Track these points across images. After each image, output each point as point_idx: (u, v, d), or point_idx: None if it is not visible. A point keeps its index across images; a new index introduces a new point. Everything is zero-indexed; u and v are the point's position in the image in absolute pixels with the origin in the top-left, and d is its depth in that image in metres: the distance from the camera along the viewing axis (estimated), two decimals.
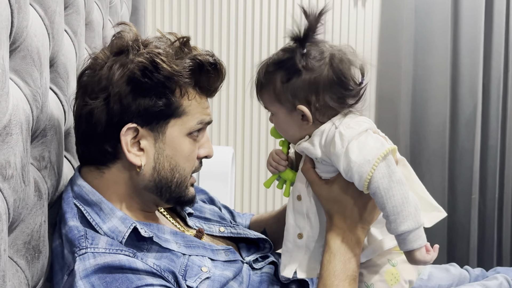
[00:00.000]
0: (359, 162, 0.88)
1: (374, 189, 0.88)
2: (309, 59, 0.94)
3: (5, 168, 0.74)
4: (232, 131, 2.55)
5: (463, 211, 2.66)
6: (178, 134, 0.98)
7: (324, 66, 0.94)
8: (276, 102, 0.98)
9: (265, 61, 1.00)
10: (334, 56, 0.95)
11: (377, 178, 0.88)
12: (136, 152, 0.96)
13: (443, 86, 2.59)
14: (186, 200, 1.03)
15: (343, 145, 0.90)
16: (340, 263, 0.93)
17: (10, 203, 0.75)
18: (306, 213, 1.00)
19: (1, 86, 0.71)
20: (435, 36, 2.58)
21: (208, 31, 2.50)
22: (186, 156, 0.99)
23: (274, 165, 1.07)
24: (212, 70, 1.00)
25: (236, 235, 1.16)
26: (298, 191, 1.01)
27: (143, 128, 0.95)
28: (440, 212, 1.03)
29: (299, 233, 1.00)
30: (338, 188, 0.96)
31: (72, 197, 0.96)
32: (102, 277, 0.83)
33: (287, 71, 0.95)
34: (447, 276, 1.40)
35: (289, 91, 0.95)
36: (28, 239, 0.84)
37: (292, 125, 0.99)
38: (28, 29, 0.84)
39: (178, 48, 0.98)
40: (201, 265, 0.96)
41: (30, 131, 0.86)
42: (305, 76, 0.94)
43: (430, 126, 2.61)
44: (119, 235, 0.91)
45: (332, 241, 0.95)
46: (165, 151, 0.97)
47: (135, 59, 0.94)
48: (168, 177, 0.98)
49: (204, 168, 2.00)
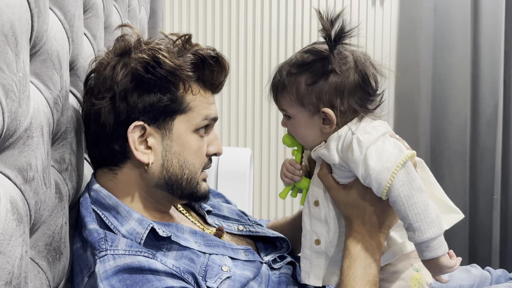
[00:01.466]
0: (378, 169, 0.87)
1: (394, 197, 0.87)
2: (337, 62, 0.93)
3: (27, 171, 0.75)
4: (250, 132, 2.55)
5: (485, 211, 2.62)
6: (184, 130, 0.98)
7: (350, 69, 0.94)
8: (297, 105, 0.97)
9: (286, 63, 0.99)
10: (359, 60, 0.94)
11: (398, 186, 0.87)
12: (143, 150, 0.97)
13: (464, 84, 2.56)
14: (199, 195, 1.04)
15: (362, 152, 0.89)
16: (360, 268, 0.92)
17: (32, 205, 0.76)
18: (324, 218, 0.99)
19: (22, 89, 0.72)
20: (455, 34, 2.55)
21: (225, 34, 2.50)
22: (194, 152, 1.00)
23: (290, 176, 1.05)
24: (214, 64, 1.01)
25: (255, 233, 1.16)
26: (316, 197, 1.00)
27: (150, 125, 0.96)
28: (458, 214, 1.02)
29: (316, 239, 1.00)
30: (356, 193, 0.96)
31: (90, 203, 0.97)
32: (122, 280, 0.83)
33: (314, 73, 0.94)
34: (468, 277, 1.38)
35: (314, 94, 0.94)
36: (49, 240, 0.85)
37: (312, 129, 0.97)
38: (48, 33, 0.85)
39: (180, 46, 0.99)
40: (221, 265, 0.96)
41: (50, 134, 0.86)
42: (332, 79, 0.93)
43: (451, 125, 2.58)
44: (137, 236, 0.92)
45: (352, 246, 0.95)
46: (173, 148, 0.98)
47: (137, 56, 0.95)
48: (178, 173, 0.99)
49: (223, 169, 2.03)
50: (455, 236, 2.56)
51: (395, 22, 2.58)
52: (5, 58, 0.67)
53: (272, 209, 2.59)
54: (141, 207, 1.01)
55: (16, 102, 0.70)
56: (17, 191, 0.73)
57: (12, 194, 0.71)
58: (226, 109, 2.53)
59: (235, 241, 1.11)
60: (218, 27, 2.50)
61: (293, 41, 2.52)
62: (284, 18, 2.52)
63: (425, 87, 2.56)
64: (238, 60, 2.51)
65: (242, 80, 2.52)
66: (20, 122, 0.73)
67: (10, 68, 0.68)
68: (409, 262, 0.99)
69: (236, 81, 2.52)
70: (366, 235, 0.95)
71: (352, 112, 0.95)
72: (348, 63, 0.94)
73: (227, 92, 2.53)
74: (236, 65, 2.52)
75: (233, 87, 2.52)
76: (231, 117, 2.54)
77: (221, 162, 2.05)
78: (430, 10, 2.53)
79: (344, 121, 0.95)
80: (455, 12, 2.54)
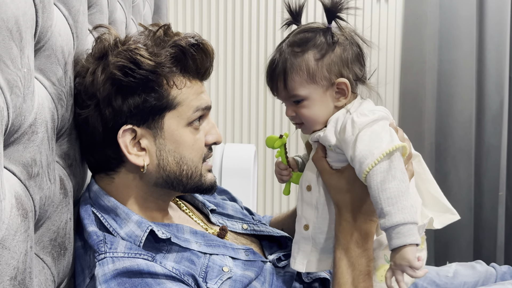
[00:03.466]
0: (364, 153, 0.86)
1: (369, 181, 0.85)
2: (337, 33, 0.97)
3: (31, 166, 0.75)
4: (254, 128, 2.55)
5: (490, 208, 2.61)
6: (177, 126, 0.96)
7: (347, 41, 0.97)
8: (310, 83, 0.95)
9: (282, 47, 0.98)
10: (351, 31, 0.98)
11: (376, 172, 0.85)
12: (137, 152, 0.95)
13: (469, 81, 2.55)
14: (205, 187, 1.02)
15: (353, 133, 0.89)
16: (352, 258, 0.92)
17: (36, 201, 0.76)
18: (315, 204, 0.99)
19: (27, 85, 0.72)
20: (460, 30, 2.54)
21: (229, 29, 2.50)
22: (190, 146, 0.98)
23: (280, 177, 1.10)
24: (196, 51, 0.97)
25: (259, 232, 1.15)
26: (308, 181, 1.00)
27: (140, 127, 0.94)
28: (453, 214, 1.01)
29: (305, 224, 0.99)
30: (347, 178, 0.95)
31: (89, 204, 0.97)
32: (121, 283, 0.83)
33: (320, 47, 0.95)
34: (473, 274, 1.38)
35: (325, 67, 0.95)
36: (54, 236, 0.85)
37: (326, 105, 0.96)
38: (53, 29, 0.85)
39: (158, 38, 0.96)
40: (222, 265, 0.96)
41: (55, 130, 0.86)
42: (337, 51, 0.95)
43: (456, 122, 2.57)
44: (136, 239, 0.91)
45: (342, 236, 0.94)
46: (167, 146, 0.96)
47: (114, 60, 0.92)
48: (176, 171, 0.97)
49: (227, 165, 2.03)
50: (460, 233, 2.55)
51: (400, 18, 2.57)
52: (9, 53, 0.67)
53: (276, 205, 2.59)
54: (141, 208, 1.00)
55: (21, 98, 0.70)
56: (22, 187, 0.73)
57: (17, 190, 0.71)
58: (230, 106, 2.53)
59: (239, 240, 1.11)
60: (222, 22, 2.49)
61: None
62: None
63: (430, 83, 2.55)
64: (242, 55, 2.51)
65: (246, 76, 2.51)
66: (25, 117, 0.73)
67: (14, 63, 0.68)
68: (382, 252, 0.97)
69: (240, 77, 2.52)
70: (356, 223, 0.94)
71: (359, 80, 0.98)
72: (343, 34, 0.97)
73: (231, 88, 2.52)
74: (240, 60, 2.51)
75: (237, 83, 2.52)
76: (235, 113, 2.54)
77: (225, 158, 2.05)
78: (435, 6, 2.52)
79: (355, 90, 0.98)
80: (461, 8, 2.53)
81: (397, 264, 0.83)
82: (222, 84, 2.51)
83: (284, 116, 2.53)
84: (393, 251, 0.84)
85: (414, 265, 0.81)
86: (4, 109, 0.65)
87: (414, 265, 0.81)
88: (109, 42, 0.97)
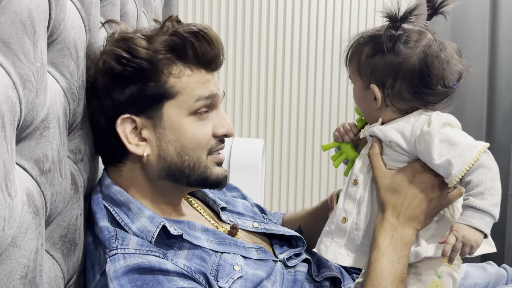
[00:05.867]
0: (464, 145, 0.86)
1: (477, 166, 0.86)
2: (399, 42, 0.92)
3: (43, 162, 0.74)
4: (263, 123, 2.53)
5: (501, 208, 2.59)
6: (177, 116, 0.94)
7: (412, 55, 0.91)
8: (357, 74, 0.98)
9: (363, 32, 0.99)
10: (430, 49, 0.92)
11: (484, 159, 0.86)
12: (138, 142, 0.94)
13: (480, 78, 2.52)
14: (211, 181, 0.99)
15: (439, 125, 0.88)
16: (388, 262, 0.90)
17: (48, 197, 0.75)
18: (358, 199, 0.97)
19: (40, 79, 0.71)
20: (472, 27, 2.51)
21: (239, 22, 2.48)
22: (191, 136, 0.95)
23: (342, 132, 1.05)
24: (196, 39, 0.94)
25: (270, 231, 1.14)
26: (356, 175, 0.98)
27: (139, 116, 0.94)
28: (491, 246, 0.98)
29: (344, 217, 0.98)
30: (401, 179, 0.93)
31: (101, 198, 0.96)
32: (132, 280, 0.82)
33: (374, 47, 0.94)
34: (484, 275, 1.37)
35: (370, 67, 0.94)
36: (64, 232, 0.84)
37: (364, 101, 0.98)
38: (66, 21, 0.83)
39: (159, 28, 0.96)
40: (233, 264, 0.94)
41: (67, 124, 0.85)
42: (389, 58, 0.92)
43: (467, 119, 2.54)
44: (148, 234, 0.90)
45: (381, 237, 0.92)
46: (167, 136, 0.95)
47: (108, 49, 0.93)
48: (177, 162, 0.95)
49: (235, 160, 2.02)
50: None
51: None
52: (23, 47, 0.66)
53: (283, 201, 2.58)
54: (152, 202, 0.99)
55: (34, 93, 0.69)
56: (33, 183, 0.72)
57: (28, 186, 0.70)
58: (239, 100, 2.52)
59: (250, 238, 1.09)
60: (232, 15, 2.47)
61: (308, 31, 2.49)
62: (299, 9, 2.48)
63: None
64: (252, 49, 2.49)
65: (255, 71, 2.49)
66: (37, 113, 0.71)
67: (28, 57, 0.67)
68: (432, 266, 0.96)
69: (249, 71, 2.50)
70: (398, 227, 0.92)
71: (402, 97, 0.93)
72: (414, 47, 0.92)
73: (240, 83, 2.51)
74: (249, 54, 2.49)
75: (246, 78, 2.50)
76: (244, 107, 2.52)
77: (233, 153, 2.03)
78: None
79: (394, 104, 0.94)
80: (473, 5, 2.50)
81: (465, 237, 0.85)
82: (231, 78, 2.49)
83: (293, 111, 2.52)
84: (468, 226, 0.85)
85: (475, 249, 0.86)
86: (16, 104, 0.64)
87: (475, 249, 0.86)
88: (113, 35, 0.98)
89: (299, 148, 2.55)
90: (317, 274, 1.09)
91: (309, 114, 2.52)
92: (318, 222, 1.20)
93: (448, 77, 0.93)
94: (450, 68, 0.92)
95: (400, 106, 0.94)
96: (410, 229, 0.92)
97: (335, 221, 0.99)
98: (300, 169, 2.55)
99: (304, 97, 2.51)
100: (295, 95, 2.51)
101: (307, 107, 2.51)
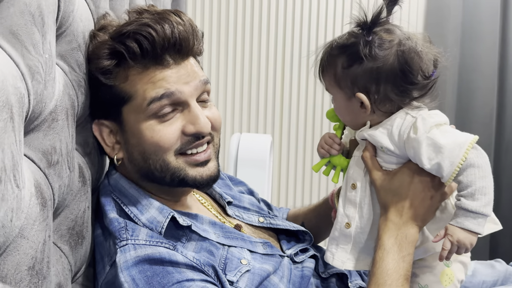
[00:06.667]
0: (450, 146, 0.86)
1: (466, 166, 0.86)
2: (374, 47, 0.89)
3: (51, 154, 0.74)
4: (271, 118, 2.52)
5: (508, 205, 2.57)
6: (134, 121, 0.92)
7: (389, 56, 0.90)
8: (336, 86, 0.95)
9: (330, 42, 0.96)
10: (402, 46, 0.90)
11: (473, 157, 0.86)
12: (114, 145, 0.96)
13: (491, 76, 2.50)
14: (190, 183, 0.95)
15: (425, 130, 0.87)
16: (393, 261, 0.89)
17: (56, 189, 0.75)
18: (359, 203, 0.97)
19: (48, 71, 0.71)
20: (483, 24, 2.48)
21: (248, 18, 2.47)
22: (148, 140, 0.91)
23: (327, 148, 1.02)
24: (145, 34, 0.88)
25: (276, 226, 1.13)
26: (354, 179, 0.98)
27: (108, 120, 0.94)
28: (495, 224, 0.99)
29: (347, 222, 0.97)
30: (400, 180, 0.93)
31: (110, 191, 0.96)
32: (142, 271, 0.82)
33: (349, 57, 0.91)
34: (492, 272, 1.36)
35: (349, 78, 0.92)
36: (72, 224, 0.84)
37: (350, 111, 0.96)
38: (74, 14, 0.83)
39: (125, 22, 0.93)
40: (240, 257, 0.94)
41: (75, 117, 0.85)
42: (367, 65, 0.90)
43: (476, 117, 2.52)
44: (157, 225, 0.91)
45: (386, 236, 0.91)
46: (130, 140, 0.94)
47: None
48: (144, 166, 0.94)
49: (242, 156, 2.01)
50: None
51: (422, 11, 2.52)
52: (31, 38, 0.66)
53: (290, 197, 2.58)
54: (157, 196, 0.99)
55: (42, 84, 0.69)
56: (41, 175, 0.72)
57: (36, 178, 0.70)
58: (247, 95, 2.51)
59: (256, 234, 1.09)
60: (240, 10, 2.46)
61: (317, 27, 2.48)
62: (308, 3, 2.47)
63: (451, 77, 2.50)
64: (260, 44, 2.48)
65: (263, 66, 2.49)
66: (46, 104, 0.71)
67: (36, 49, 0.67)
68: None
69: (257, 67, 2.49)
70: (402, 226, 0.92)
71: (389, 99, 0.92)
72: (389, 48, 0.90)
73: (248, 78, 2.50)
74: (258, 49, 2.48)
75: (254, 73, 2.50)
76: (252, 103, 2.52)
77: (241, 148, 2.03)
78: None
79: (383, 107, 0.92)
80: (484, 1, 2.47)
81: (460, 241, 0.87)
82: (239, 73, 2.49)
83: (301, 107, 2.51)
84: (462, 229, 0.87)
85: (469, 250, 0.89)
86: (25, 95, 0.64)
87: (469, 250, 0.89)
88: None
89: (307, 144, 2.54)
90: (324, 270, 1.09)
91: (317, 110, 2.51)
92: (321, 219, 1.20)
93: (427, 67, 0.91)
94: (426, 58, 0.91)
95: (387, 108, 0.93)
96: (414, 228, 0.92)
97: (339, 227, 0.98)
98: (307, 165, 2.55)
99: (312, 92, 2.50)
100: (303, 90, 2.50)
101: (315, 102, 2.50)
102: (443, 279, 0.95)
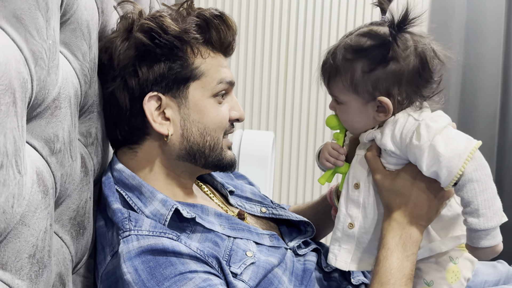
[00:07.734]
0: (449, 156, 0.83)
1: (465, 181, 0.84)
2: (397, 49, 0.88)
3: (53, 142, 0.73)
4: (273, 115, 2.52)
5: (510, 206, 2.56)
6: (201, 97, 0.96)
7: (410, 56, 0.88)
8: (351, 92, 0.91)
9: (340, 46, 0.92)
10: (422, 44, 0.89)
11: (470, 171, 0.83)
12: (162, 121, 0.95)
13: (494, 75, 2.49)
14: (225, 163, 1.01)
15: (429, 138, 0.85)
16: (397, 260, 0.89)
17: (58, 178, 0.74)
18: (362, 203, 0.95)
19: (52, 57, 0.70)
20: (487, 23, 2.47)
21: (252, 13, 2.46)
22: (213, 118, 0.97)
23: (333, 161, 1.00)
24: (219, 23, 0.98)
25: (278, 216, 1.13)
26: (357, 179, 0.96)
27: (165, 95, 0.95)
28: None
29: (350, 223, 0.96)
30: (403, 181, 0.91)
31: (113, 183, 0.95)
32: (145, 261, 0.81)
33: (372, 60, 0.88)
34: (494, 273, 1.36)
35: (370, 82, 0.89)
36: (73, 214, 0.83)
37: (364, 116, 0.93)
38: (79, 2, 0.82)
39: (182, 11, 0.98)
40: (246, 249, 0.94)
41: (78, 106, 0.84)
42: (391, 67, 0.88)
43: (480, 117, 2.52)
44: (161, 218, 0.90)
45: (390, 236, 0.90)
46: (191, 116, 0.96)
47: (140, 24, 0.94)
48: (199, 142, 0.97)
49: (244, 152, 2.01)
50: None
51: (426, 10, 2.51)
52: (35, 23, 0.65)
53: (292, 194, 2.57)
54: (164, 185, 0.99)
55: (45, 71, 0.68)
56: (43, 163, 0.71)
57: (38, 165, 0.69)
58: (250, 92, 2.50)
59: (258, 224, 1.09)
60: (244, 8, 2.46)
61: (320, 23, 2.47)
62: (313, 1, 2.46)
63: (455, 76, 2.49)
64: (264, 40, 2.47)
65: (266, 63, 2.48)
66: (49, 91, 0.70)
67: (40, 34, 0.66)
68: (447, 254, 0.95)
69: (260, 63, 2.48)
70: (406, 226, 0.91)
71: (409, 100, 0.90)
72: (408, 48, 0.88)
73: (251, 75, 2.49)
74: (261, 46, 2.48)
75: (257, 69, 2.49)
76: (254, 100, 2.51)
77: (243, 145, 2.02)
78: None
79: (400, 109, 0.91)
80: (489, 2, 2.47)
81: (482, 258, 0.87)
82: (242, 69, 2.48)
83: (304, 105, 2.50)
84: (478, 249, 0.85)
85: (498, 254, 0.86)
86: (28, 81, 0.63)
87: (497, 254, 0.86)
88: (134, 15, 0.98)
89: (309, 141, 2.53)
90: (326, 265, 1.08)
91: (320, 107, 2.50)
92: (320, 217, 1.19)
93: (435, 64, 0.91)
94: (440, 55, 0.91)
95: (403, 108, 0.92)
96: (418, 227, 0.91)
97: (341, 227, 0.97)
98: (309, 162, 2.54)
99: (315, 90, 2.49)
100: (306, 88, 2.49)
101: (318, 99, 2.49)
102: (449, 276, 0.94)
